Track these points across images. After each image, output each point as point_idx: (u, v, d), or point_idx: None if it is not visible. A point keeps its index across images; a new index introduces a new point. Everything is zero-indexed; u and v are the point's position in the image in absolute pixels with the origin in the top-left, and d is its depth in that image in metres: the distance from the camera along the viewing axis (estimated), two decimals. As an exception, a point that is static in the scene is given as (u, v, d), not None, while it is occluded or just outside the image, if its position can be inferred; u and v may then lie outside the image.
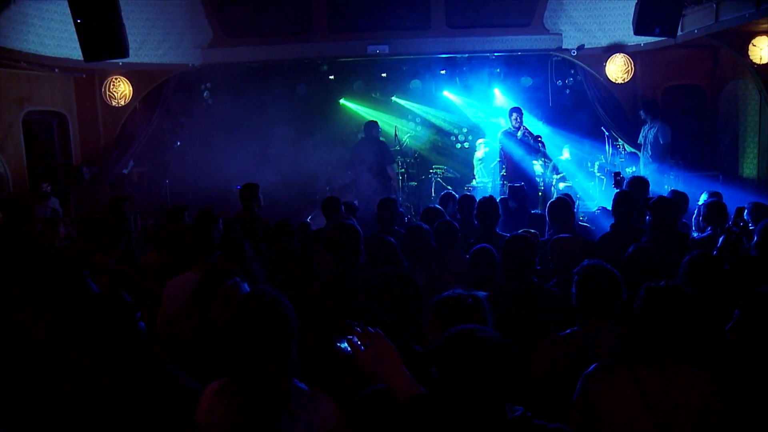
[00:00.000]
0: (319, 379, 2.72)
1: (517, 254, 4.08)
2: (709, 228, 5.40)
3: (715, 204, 5.40)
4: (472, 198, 6.58)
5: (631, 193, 5.61)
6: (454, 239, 5.23)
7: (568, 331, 3.27)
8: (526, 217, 7.06)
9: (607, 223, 5.67)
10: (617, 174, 7.50)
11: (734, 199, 6.84)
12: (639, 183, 6.17)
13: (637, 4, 8.33)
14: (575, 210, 7.48)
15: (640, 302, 2.80)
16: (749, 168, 10.54)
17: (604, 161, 11.55)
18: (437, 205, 6.63)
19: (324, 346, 2.83)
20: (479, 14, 11.38)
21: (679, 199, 6.02)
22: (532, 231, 5.11)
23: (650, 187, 6.57)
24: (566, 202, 5.74)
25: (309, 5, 11.30)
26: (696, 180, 9.95)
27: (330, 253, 4.08)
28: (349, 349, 2.34)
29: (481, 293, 2.92)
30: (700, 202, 6.83)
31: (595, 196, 11.23)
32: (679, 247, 4.66)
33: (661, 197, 5.22)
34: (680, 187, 8.49)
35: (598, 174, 11.49)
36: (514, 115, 10.01)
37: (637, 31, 8.34)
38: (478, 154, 12.68)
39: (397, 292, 2.97)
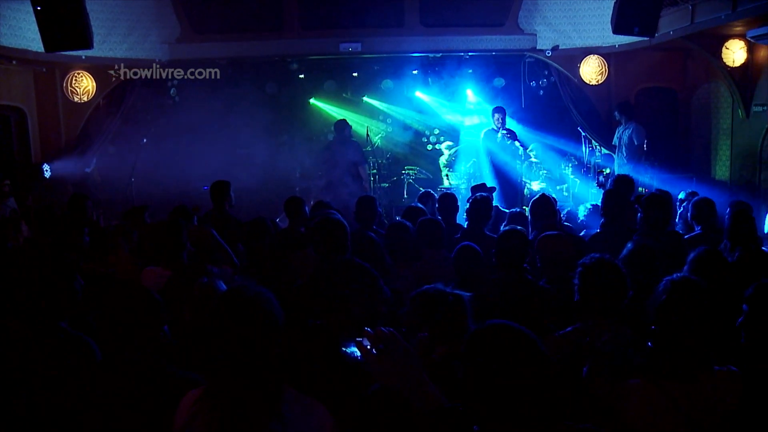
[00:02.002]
0: (322, 389, 2.45)
1: (511, 249, 3.89)
2: (698, 227, 5.28)
3: (705, 201, 5.27)
4: (452, 196, 6.39)
5: (619, 192, 5.48)
6: (439, 237, 5.03)
7: (569, 328, 3.09)
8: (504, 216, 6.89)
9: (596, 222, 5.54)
10: (600, 173, 7.39)
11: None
12: (626, 181, 6.01)
13: (615, 3, 8.26)
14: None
15: (662, 305, 2.53)
16: (722, 170, 10.60)
17: (577, 162, 11.52)
18: (419, 204, 6.43)
19: (328, 351, 2.56)
20: (454, 13, 11.28)
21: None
22: (518, 228, 4.93)
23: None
24: (549, 198, 5.57)
25: (280, 1, 11.04)
26: (670, 181, 9.94)
27: (315, 249, 3.83)
28: (357, 353, 2.04)
29: (465, 294, 2.73)
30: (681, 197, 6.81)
31: (570, 198, 11.16)
32: (673, 246, 4.54)
33: (653, 194, 5.10)
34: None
35: (572, 176, 11.44)
36: (497, 115, 10.00)
37: (616, 30, 8.27)
38: (443, 158, 12.58)
39: (348, 280, 2.76)
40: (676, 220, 6.34)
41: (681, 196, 7.96)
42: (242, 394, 2.20)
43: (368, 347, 1.94)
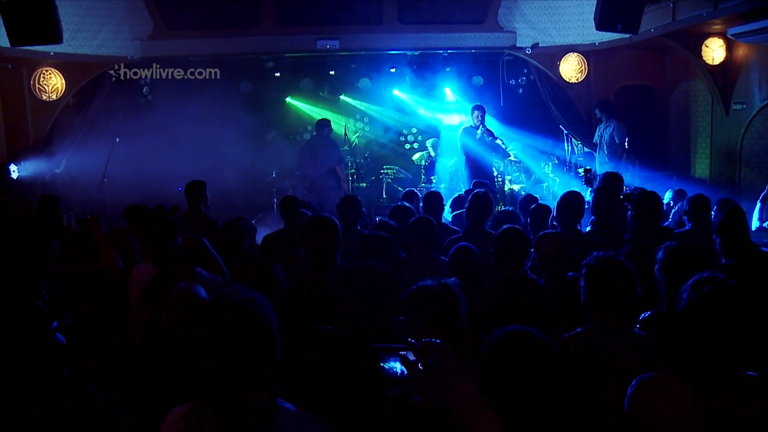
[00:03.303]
0: (356, 413, 2.21)
1: (511, 249, 3.74)
2: (689, 224, 5.18)
3: (701, 198, 5.16)
4: (438, 194, 6.22)
5: (609, 189, 5.36)
6: (431, 236, 4.85)
7: (579, 329, 2.95)
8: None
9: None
10: (588, 171, 7.30)
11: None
12: (615, 179, 5.86)
13: (598, 0, 8.18)
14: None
15: (694, 307, 2.36)
16: (701, 168, 10.62)
17: (557, 161, 11.47)
18: (405, 203, 6.26)
19: (363, 368, 2.34)
20: (432, 10, 11.18)
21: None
22: (517, 227, 4.78)
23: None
24: (581, 196, 5.23)
25: (257, -4, 10.84)
26: (651, 179, 9.92)
27: (304, 249, 3.63)
28: (397, 370, 1.78)
29: (451, 280, 2.56)
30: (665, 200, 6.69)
31: (548, 197, 11.07)
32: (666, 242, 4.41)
33: (643, 191, 4.99)
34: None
35: (552, 175, 11.38)
36: (476, 112, 9.88)
37: (600, 27, 8.18)
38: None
39: (370, 286, 2.59)
40: (669, 219, 6.24)
41: (668, 195, 7.90)
42: (233, 410, 2.01)
43: (414, 361, 1.64)
